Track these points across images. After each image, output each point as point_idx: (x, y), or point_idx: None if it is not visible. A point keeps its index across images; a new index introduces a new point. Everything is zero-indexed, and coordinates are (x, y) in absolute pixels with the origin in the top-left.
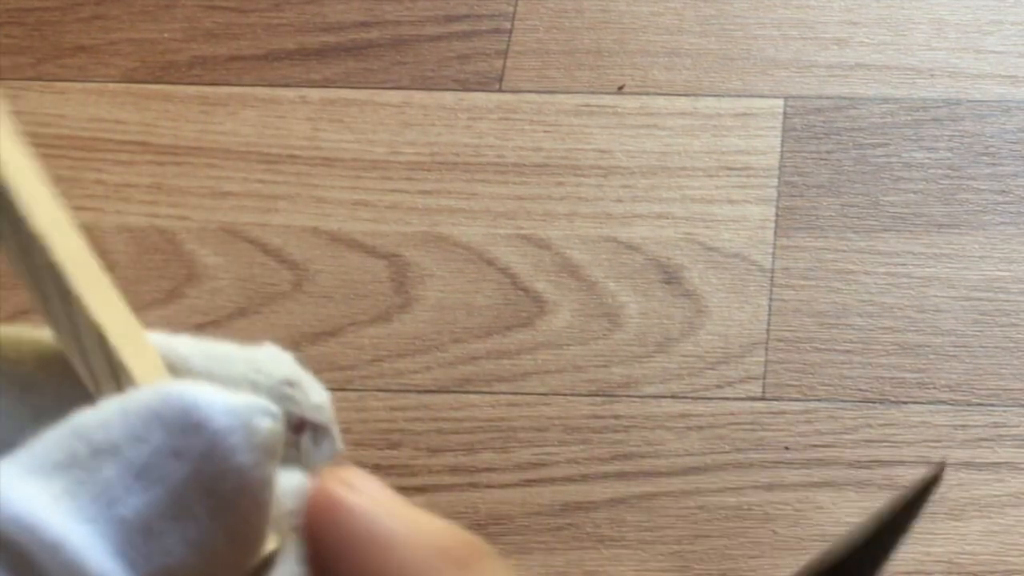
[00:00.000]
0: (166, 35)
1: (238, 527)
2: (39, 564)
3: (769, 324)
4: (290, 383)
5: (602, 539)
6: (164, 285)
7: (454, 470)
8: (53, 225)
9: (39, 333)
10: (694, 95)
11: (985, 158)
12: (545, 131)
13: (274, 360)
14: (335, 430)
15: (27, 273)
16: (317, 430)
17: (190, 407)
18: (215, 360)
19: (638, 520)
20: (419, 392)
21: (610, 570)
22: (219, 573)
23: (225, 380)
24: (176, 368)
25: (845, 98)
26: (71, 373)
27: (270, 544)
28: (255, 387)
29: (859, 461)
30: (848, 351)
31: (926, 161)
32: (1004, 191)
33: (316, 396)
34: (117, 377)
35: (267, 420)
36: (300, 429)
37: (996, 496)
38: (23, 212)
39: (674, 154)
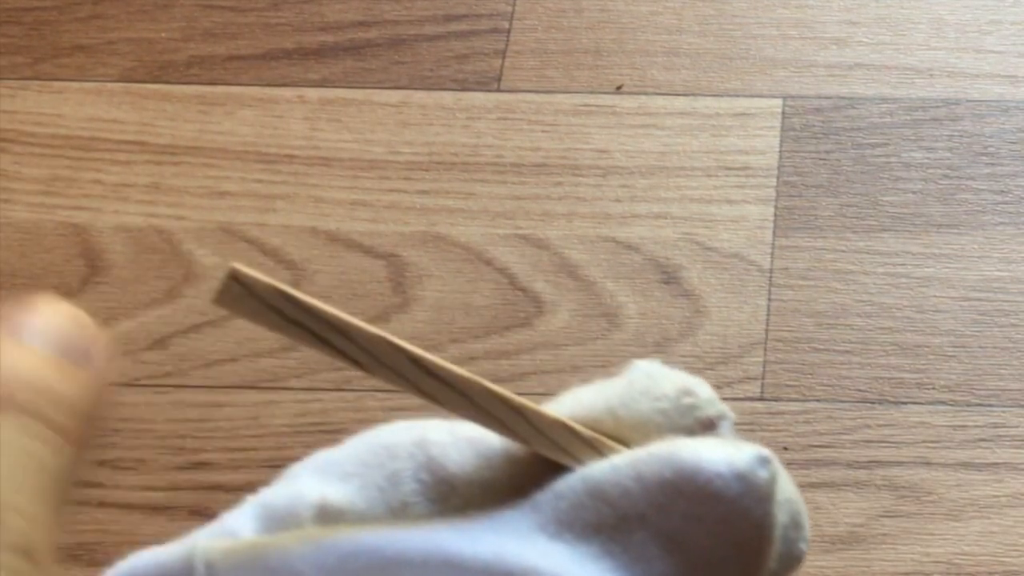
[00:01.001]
0: (164, 35)
1: (761, 564)
2: None
3: (768, 324)
4: (686, 393)
5: None
6: (162, 285)
7: None
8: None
9: (466, 429)
10: (693, 95)
11: (984, 158)
12: (543, 131)
13: (657, 378)
14: (726, 409)
15: (480, 415)
16: (717, 420)
17: (701, 476)
18: (618, 407)
19: None
20: None
21: None
22: None
23: (641, 422)
24: (598, 427)
25: (844, 98)
26: (512, 466)
27: None
28: (667, 416)
29: (858, 461)
30: (847, 351)
31: (925, 161)
32: (1003, 191)
33: (704, 392)
34: (594, 449)
35: (766, 470)
36: (711, 426)
37: (995, 497)
38: (465, 377)
39: (673, 154)
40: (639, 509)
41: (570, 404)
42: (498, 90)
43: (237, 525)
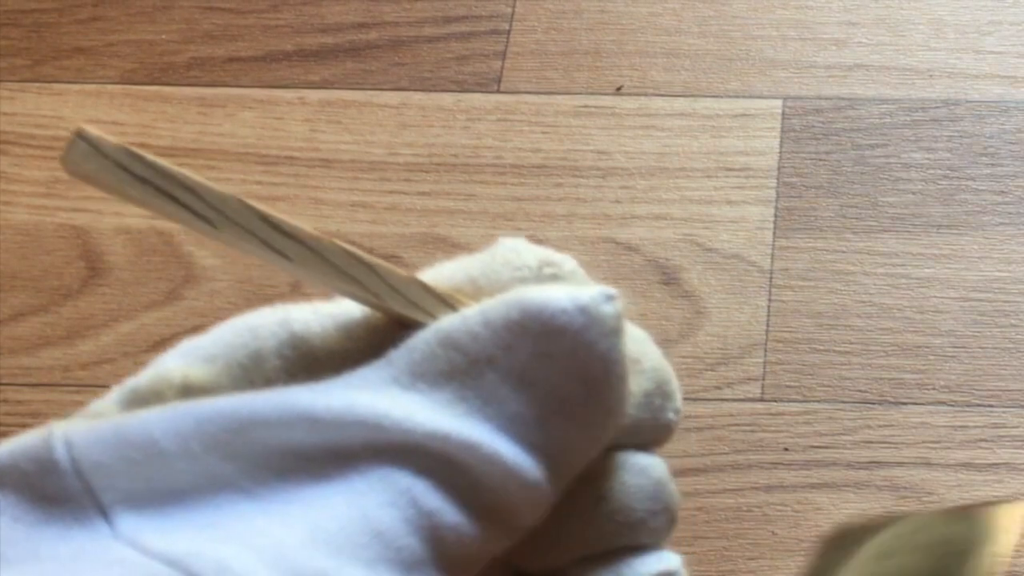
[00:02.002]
0: (164, 36)
1: (612, 403)
2: (461, 462)
3: (768, 325)
4: (547, 264)
5: None
6: (163, 287)
7: None
8: (323, 240)
9: (329, 307)
10: (693, 96)
11: (984, 159)
12: (543, 132)
13: (520, 251)
14: (592, 284)
15: (332, 272)
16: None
17: (547, 313)
18: (479, 277)
19: None
20: None
21: None
22: (605, 437)
23: (501, 290)
24: (471, 292)
25: (844, 99)
26: (375, 337)
27: None
28: (526, 283)
29: (858, 462)
30: (847, 352)
31: (925, 162)
32: (1003, 191)
33: (568, 264)
34: (448, 304)
35: (611, 305)
36: None
37: (996, 497)
38: (315, 235)
39: (673, 155)
40: (488, 352)
41: (431, 275)
42: (498, 91)
43: (101, 408)
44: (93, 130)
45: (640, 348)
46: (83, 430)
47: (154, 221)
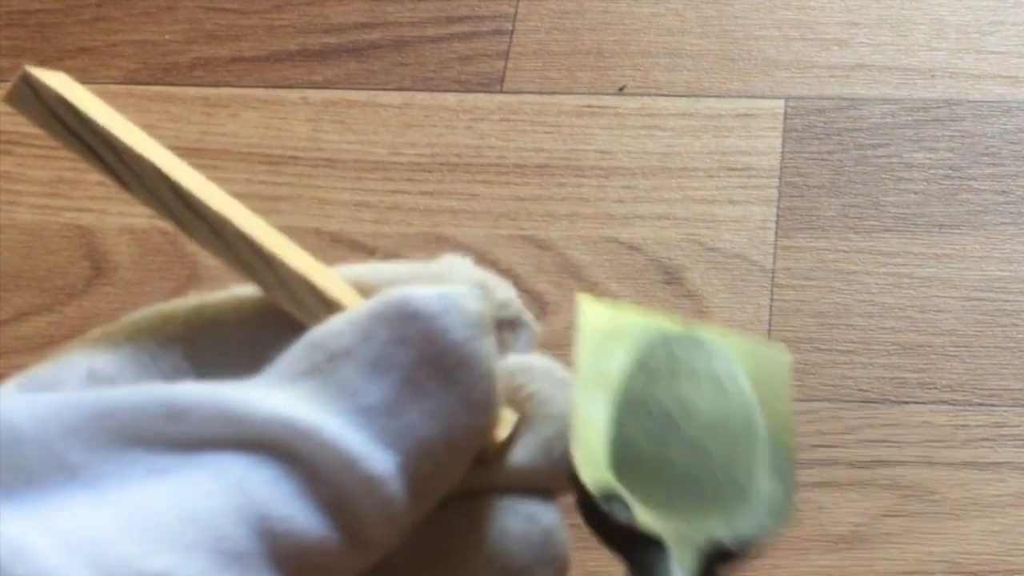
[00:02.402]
0: (167, 37)
1: (469, 397)
2: (302, 452)
3: (770, 324)
4: (480, 286)
5: None
6: (167, 286)
7: None
8: (236, 213)
9: (245, 295)
10: (695, 96)
11: (986, 158)
12: (546, 132)
13: (457, 270)
14: (529, 319)
15: (229, 256)
16: (515, 324)
17: (406, 301)
18: (404, 280)
19: None
20: None
21: (612, 571)
22: (466, 441)
23: None
24: (369, 292)
25: (846, 99)
26: (287, 322)
27: (505, 427)
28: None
29: (860, 461)
30: (849, 351)
31: (927, 161)
32: (1005, 191)
33: (503, 294)
34: (330, 307)
35: (474, 301)
36: (500, 328)
37: (997, 496)
38: (221, 215)
39: (675, 155)
40: (345, 345)
41: (361, 269)
42: (501, 91)
43: None
44: (40, 73)
45: (553, 391)
46: None
47: (158, 221)
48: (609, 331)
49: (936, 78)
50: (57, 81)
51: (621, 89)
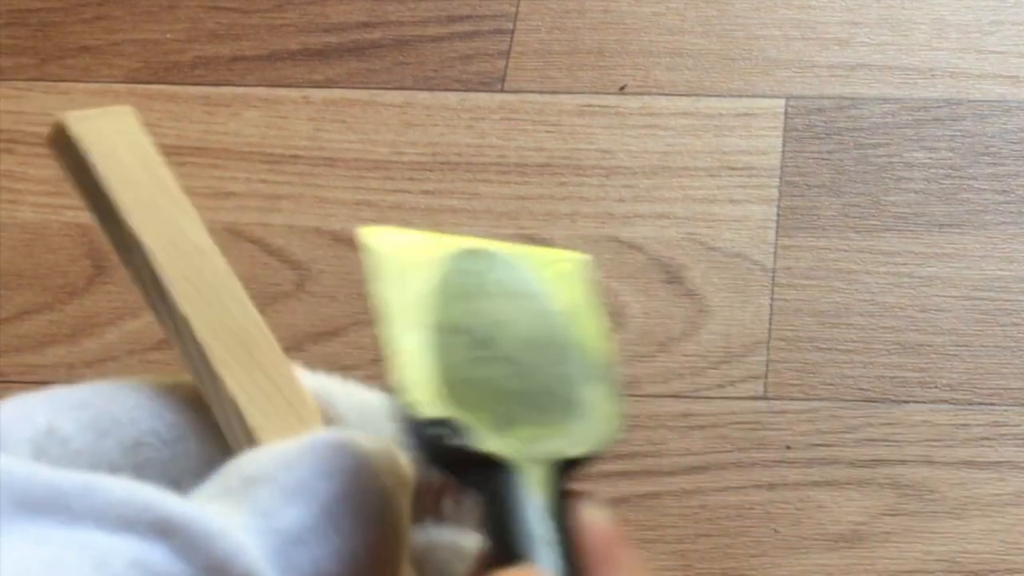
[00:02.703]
0: (169, 36)
1: (378, 547)
2: (206, 552)
3: (771, 323)
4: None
5: None
6: None
7: None
8: (200, 306)
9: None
10: (696, 95)
11: (986, 158)
12: (547, 131)
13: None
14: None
15: (185, 361)
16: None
17: (341, 438)
18: (368, 419)
19: (640, 519)
20: None
21: None
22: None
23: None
24: (332, 421)
25: (846, 98)
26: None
27: None
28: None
29: (861, 460)
30: (849, 350)
31: (927, 161)
32: (1005, 191)
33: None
34: (250, 438)
35: (408, 457)
36: (441, 493)
37: (997, 495)
38: (184, 317)
39: (676, 154)
40: (266, 470)
41: (337, 389)
42: (502, 91)
43: None
44: (77, 123)
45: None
46: None
47: None
48: (404, 259)
49: (936, 78)
50: (107, 123)
51: (622, 88)
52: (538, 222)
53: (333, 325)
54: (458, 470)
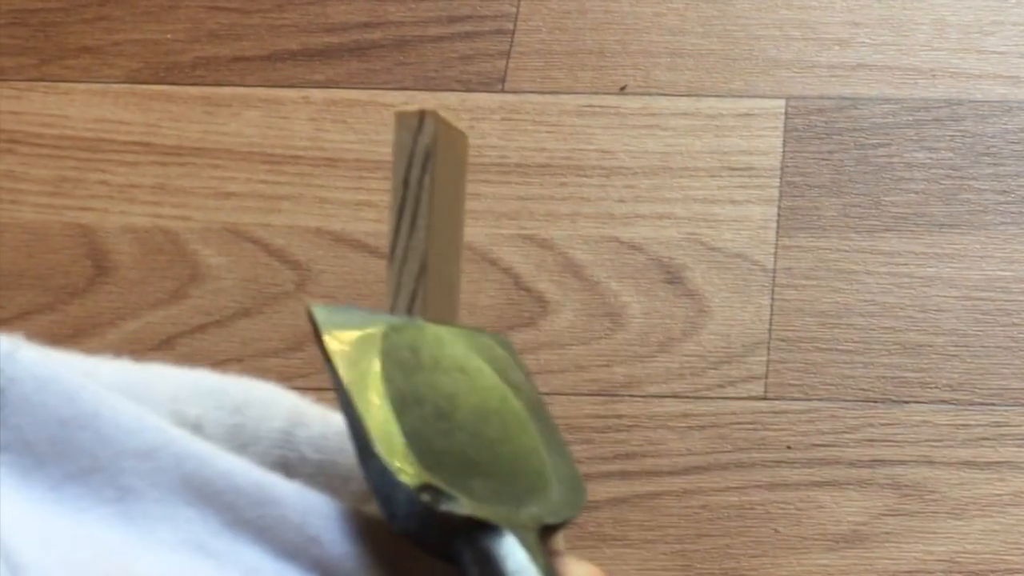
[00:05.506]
0: (169, 36)
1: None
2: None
3: (771, 324)
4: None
5: (605, 538)
6: (168, 285)
7: None
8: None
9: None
10: (696, 95)
11: (986, 158)
12: (548, 131)
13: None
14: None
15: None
16: None
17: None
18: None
19: (641, 519)
20: None
21: (613, 569)
22: None
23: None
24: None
25: (847, 98)
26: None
27: None
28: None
29: (861, 460)
30: (850, 351)
31: (928, 161)
32: (1005, 191)
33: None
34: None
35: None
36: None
37: (997, 495)
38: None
39: (676, 154)
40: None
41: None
42: (502, 91)
43: None
44: (435, 120)
45: None
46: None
47: (159, 220)
48: (351, 337)
49: (937, 78)
50: (449, 138)
51: (622, 89)
52: (538, 222)
53: None
54: (444, 537)
